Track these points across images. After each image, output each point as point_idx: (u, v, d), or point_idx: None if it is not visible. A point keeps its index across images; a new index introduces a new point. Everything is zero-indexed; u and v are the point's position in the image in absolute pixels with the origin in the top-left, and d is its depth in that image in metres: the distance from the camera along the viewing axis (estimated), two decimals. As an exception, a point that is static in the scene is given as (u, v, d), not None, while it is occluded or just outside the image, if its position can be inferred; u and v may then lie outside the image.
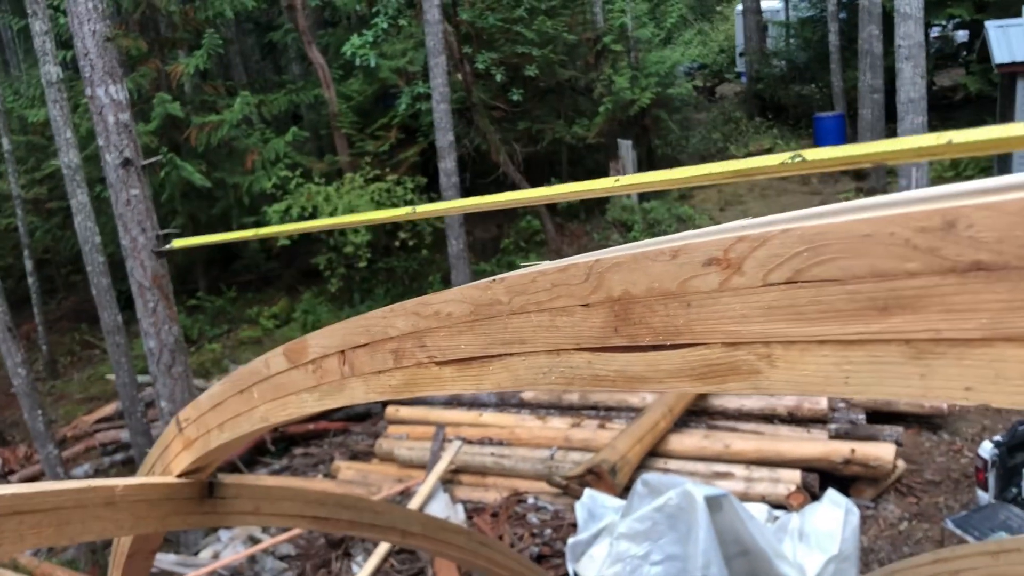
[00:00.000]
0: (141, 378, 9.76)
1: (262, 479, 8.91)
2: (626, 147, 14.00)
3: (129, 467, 10.02)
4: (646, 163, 15.85)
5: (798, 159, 0.63)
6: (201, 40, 13.24)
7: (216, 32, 13.37)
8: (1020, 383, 0.43)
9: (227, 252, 15.88)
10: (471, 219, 13.98)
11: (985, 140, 0.55)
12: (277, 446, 9.74)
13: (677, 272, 0.58)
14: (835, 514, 6.25)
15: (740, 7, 21.48)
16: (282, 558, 7.48)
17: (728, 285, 0.55)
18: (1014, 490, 6.09)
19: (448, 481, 8.07)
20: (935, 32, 18.16)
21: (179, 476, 1.74)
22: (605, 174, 14.91)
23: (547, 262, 0.77)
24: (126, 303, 9.83)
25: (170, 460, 1.75)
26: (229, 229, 14.38)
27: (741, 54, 21.46)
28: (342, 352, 0.98)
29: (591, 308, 0.64)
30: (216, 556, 7.54)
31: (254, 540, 7.60)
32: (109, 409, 11.35)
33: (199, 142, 13.00)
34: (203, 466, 1.74)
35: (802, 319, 0.51)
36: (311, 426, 9.89)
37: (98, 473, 9.99)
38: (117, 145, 7.17)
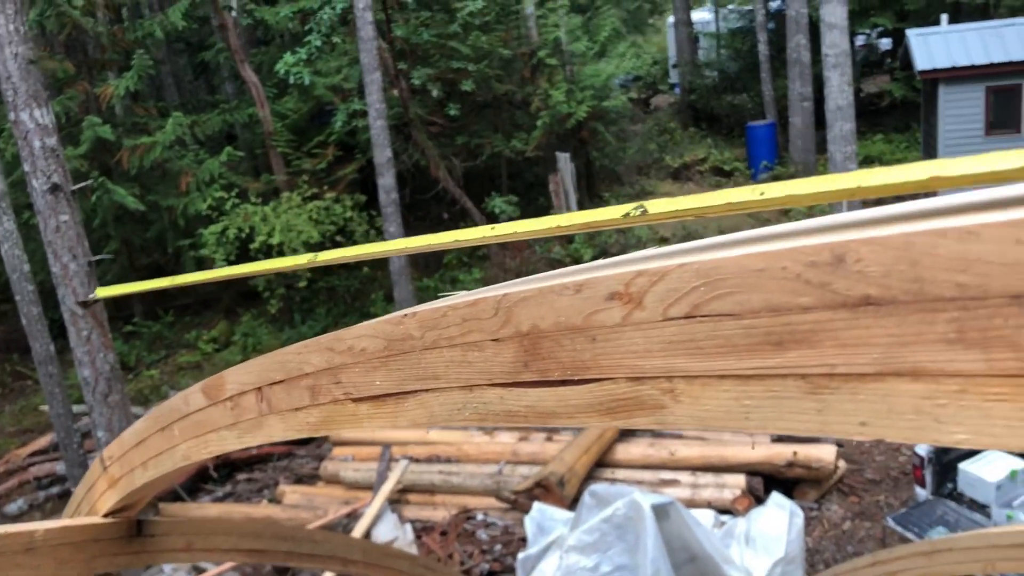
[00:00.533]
0: (77, 408, 9.49)
1: (205, 507, 8.72)
2: (564, 160, 14.09)
3: (65, 500, 9.70)
4: (585, 175, 15.97)
5: (640, 210, 0.62)
6: (131, 61, 12.98)
7: (146, 53, 13.13)
8: (912, 418, 0.43)
9: (162, 275, 15.53)
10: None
11: (801, 195, 0.55)
12: (220, 472, 9.54)
13: (582, 306, 0.57)
14: (780, 517, 6.34)
15: (671, 19, 21.81)
16: (227, 587, 7.32)
17: (630, 319, 0.54)
18: (950, 485, 6.25)
19: (396, 501, 7.99)
20: (860, 41, 18.65)
21: (105, 515, 1.68)
22: (544, 187, 14.99)
23: (463, 292, 0.76)
24: (59, 331, 9.56)
25: (96, 499, 1.69)
26: (165, 252, 14.10)
27: (674, 66, 21.77)
28: (259, 389, 0.95)
29: (501, 343, 0.63)
30: (159, 588, 7.34)
31: (199, 570, 7.42)
32: (44, 441, 11.00)
33: (131, 165, 12.73)
34: (129, 504, 1.68)
35: (701, 354, 0.50)
36: (254, 450, 9.71)
37: (33, 508, 9.68)
38: (44, 170, 6.98)
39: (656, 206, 0.61)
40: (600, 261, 0.63)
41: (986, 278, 0.41)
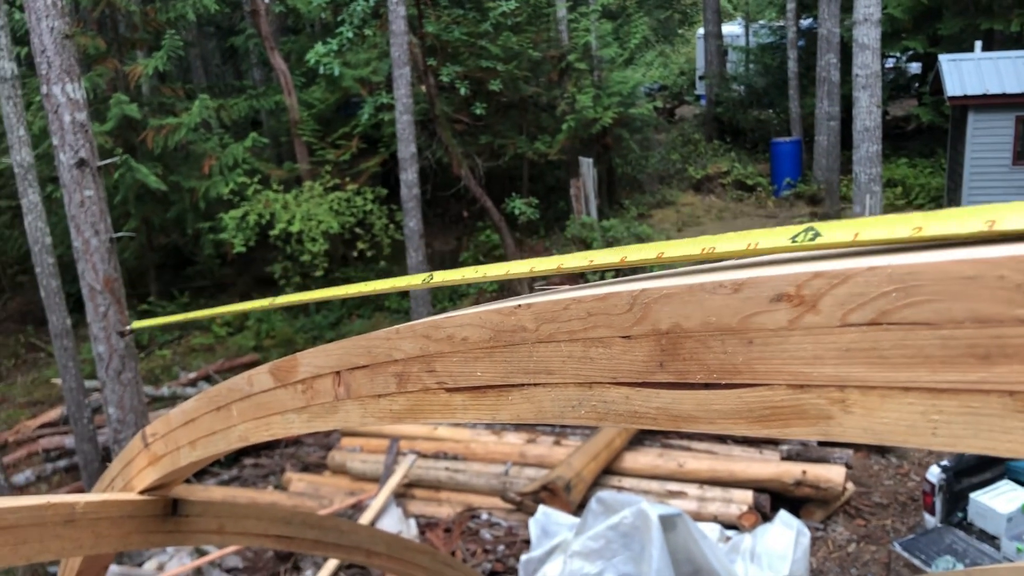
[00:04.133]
0: (88, 383, 9.51)
1: (210, 490, 8.72)
2: (587, 165, 14.06)
3: (73, 474, 9.74)
4: (606, 181, 15.94)
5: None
6: (161, 41, 13.02)
7: (177, 34, 13.17)
8: None
9: (180, 257, 15.60)
10: (430, 231, 13.90)
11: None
12: (227, 456, 9.54)
13: (739, 307, 0.54)
14: (786, 535, 6.31)
15: (701, 31, 21.77)
16: (229, 571, 7.31)
17: (799, 323, 0.51)
18: (959, 514, 6.19)
19: (401, 495, 7.98)
20: (889, 63, 18.58)
21: (141, 493, 1.67)
22: (566, 191, 14.97)
23: (567, 287, 0.73)
24: (75, 306, 9.58)
25: (132, 476, 1.68)
26: (184, 234, 14.14)
27: (701, 77, 21.73)
28: (337, 373, 0.93)
29: (633, 340, 0.61)
30: (161, 568, 7.35)
31: (201, 552, 7.42)
32: (54, 414, 11.03)
33: (155, 144, 12.76)
34: (167, 483, 1.67)
35: (885, 364, 0.47)
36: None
37: (40, 480, 9.70)
38: (72, 145, 7.00)
39: (541, 264, 0.58)
40: (749, 260, 0.61)
41: None
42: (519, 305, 0.70)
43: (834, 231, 0.56)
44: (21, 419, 11.48)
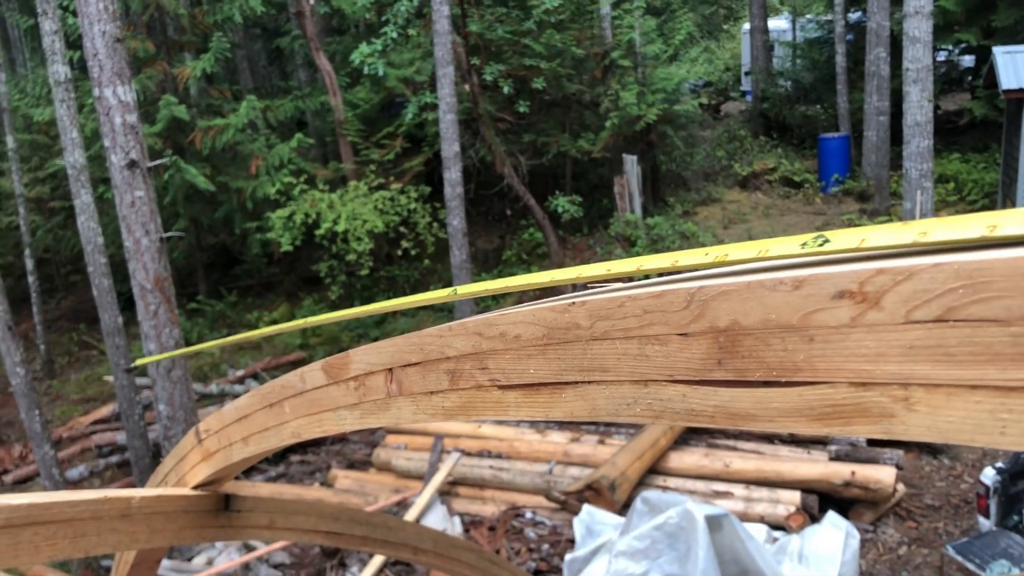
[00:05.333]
0: (139, 380, 9.70)
1: (257, 486, 8.84)
2: (631, 162, 13.99)
3: (124, 469, 9.94)
4: (651, 178, 15.84)
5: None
6: (208, 43, 13.23)
7: (224, 36, 13.37)
8: None
9: (228, 256, 15.84)
10: (474, 229, 13.95)
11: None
12: (274, 453, 9.67)
13: (800, 304, 0.53)
14: (835, 537, 6.22)
15: (747, 26, 21.53)
16: (276, 566, 7.41)
17: (862, 320, 0.50)
18: (1015, 518, 6.06)
19: (445, 493, 8.01)
20: (941, 56, 18.20)
21: (194, 488, 1.70)
22: (609, 188, 14.91)
23: (618, 283, 0.73)
24: (126, 304, 9.78)
25: (186, 471, 1.71)
26: (232, 233, 14.35)
27: (747, 73, 21.49)
28: (390, 370, 0.93)
29: (690, 338, 0.60)
30: (210, 563, 7.47)
31: (248, 547, 7.53)
32: (106, 411, 11.28)
33: (204, 145, 12.97)
34: (219, 479, 1.69)
35: (952, 361, 0.47)
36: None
37: (92, 475, 9.91)
38: (123, 146, 7.14)
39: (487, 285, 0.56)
40: (807, 258, 0.60)
41: None
42: (573, 302, 0.69)
43: (841, 237, 0.56)
44: (75, 415, 11.76)
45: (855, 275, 0.51)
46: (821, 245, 0.58)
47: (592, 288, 0.75)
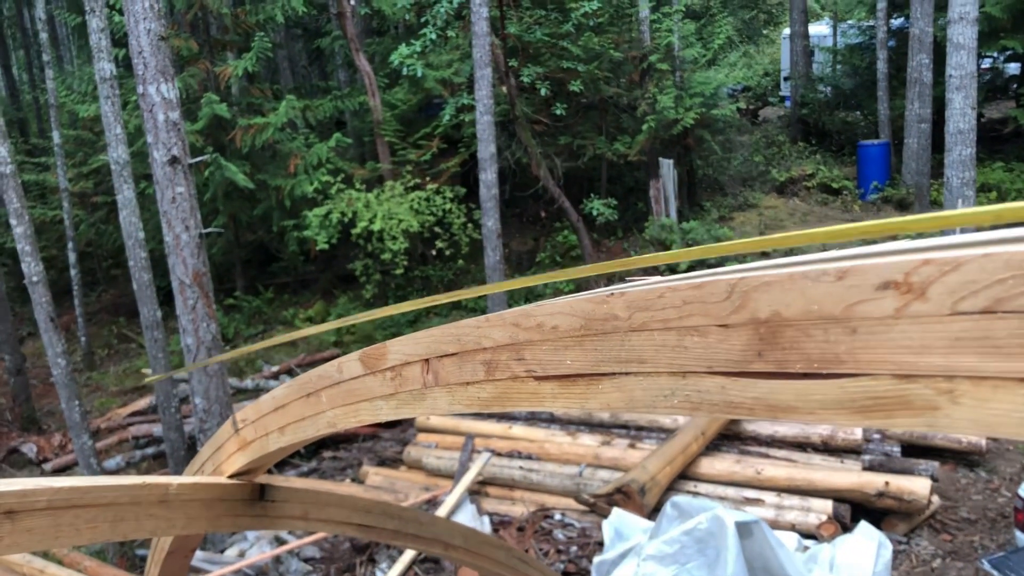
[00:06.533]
0: (176, 374, 9.83)
1: (290, 481, 8.92)
2: (668, 166, 13.92)
3: (160, 461, 10.08)
4: (687, 183, 15.75)
5: None
6: (250, 43, 13.38)
7: (265, 36, 13.51)
8: None
9: (266, 253, 16.01)
10: (508, 231, 13.95)
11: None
12: (307, 448, 9.75)
13: (843, 295, 0.53)
14: (867, 547, 6.13)
15: (787, 32, 21.34)
16: (307, 560, 7.47)
17: (906, 312, 0.50)
18: (1054, 534, 5.95)
19: (475, 492, 8.02)
20: (985, 63, 17.89)
21: (230, 477, 1.72)
22: (644, 192, 14.86)
23: (658, 277, 0.73)
24: (165, 299, 9.93)
25: (222, 460, 1.73)
26: (270, 231, 14.50)
27: (786, 78, 21.29)
28: (426, 360, 0.94)
29: (730, 329, 0.60)
30: (242, 554, 7.54)
31: (280, 540, 7.59)
32: (143, 403, 11.45)
33: (244, 143, 13.13)
34: (255, 468, 1.71)
35: (999, 354, 0.46)
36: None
37: (129, 466, 10.06)
38: (165, 143, 7.24)
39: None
40: (849, 250, 0.59)
41: None
42: (611, 293, 0.69)
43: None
44: (113, 407, 11.94)
45: (900, 266, 0.50)
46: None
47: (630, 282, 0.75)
